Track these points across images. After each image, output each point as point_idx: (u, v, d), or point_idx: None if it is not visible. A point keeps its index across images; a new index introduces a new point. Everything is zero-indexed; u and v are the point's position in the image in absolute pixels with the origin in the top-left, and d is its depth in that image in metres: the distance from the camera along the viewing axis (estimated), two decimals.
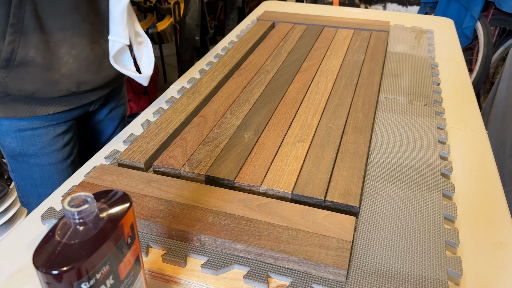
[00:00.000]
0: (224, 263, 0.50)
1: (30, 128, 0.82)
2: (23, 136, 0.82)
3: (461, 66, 1.05)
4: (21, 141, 0.82)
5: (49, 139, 0.84)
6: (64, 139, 0.87)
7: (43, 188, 0.88)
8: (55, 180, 0.88)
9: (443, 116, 0.82)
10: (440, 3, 2.46)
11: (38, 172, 0.86)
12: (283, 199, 0.58)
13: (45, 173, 0.87)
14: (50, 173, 0.87)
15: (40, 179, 0.87)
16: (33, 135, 0.83)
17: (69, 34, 0.75)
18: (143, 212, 0.54)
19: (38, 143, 0.83)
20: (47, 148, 0.85)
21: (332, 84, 0.87)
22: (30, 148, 0.83)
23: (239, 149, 0.66)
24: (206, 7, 2.38)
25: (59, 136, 0.86)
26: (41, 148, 0.84)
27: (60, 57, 0.76)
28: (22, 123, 0.81)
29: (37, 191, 0.88)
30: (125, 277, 0.37)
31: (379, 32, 1.16)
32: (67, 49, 0.76)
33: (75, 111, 0.87)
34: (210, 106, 0.79)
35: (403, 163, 0.67)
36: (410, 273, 0.49)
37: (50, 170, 0.87)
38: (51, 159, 0.86)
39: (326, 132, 0.71)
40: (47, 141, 0.84)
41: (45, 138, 0.84)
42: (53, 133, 0.85)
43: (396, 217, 0.57)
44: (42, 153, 0.85)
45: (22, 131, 0.82)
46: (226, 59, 0.98)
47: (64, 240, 0.32)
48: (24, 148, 0.83)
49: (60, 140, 0.86)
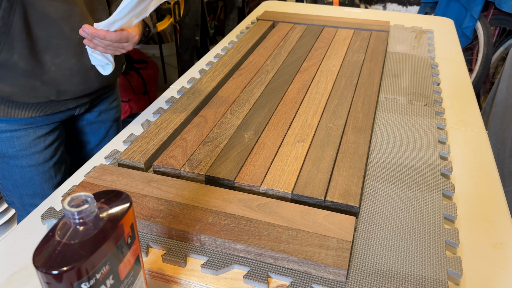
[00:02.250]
0: (224, 263, 0.50)
1: (9, 130, 0.80)
2: (2, 137, 0.81)
3: (461, 66, 1.05)
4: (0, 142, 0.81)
5: (29, 141, 0.82)
6: (46, 141, 0.85)
7: (24, 188, 0.86)
8: (36, 181, 0.86)
9: (443, 116, 0.82)
10: (440, 3, 2.46)
11: (18, 173, 0.85)
12: (283, 199, 0.58)
13: (25, 174, 0.85)
14: (30, 174, 0.85)
15: (21, 179, 0.85)
16: (12, 137, 0.81)
17: (55, 42, 0.74)
18: (143, 212, 0.54)
19: (17, 145, 0.82)
20: (26, 150, 0.83)
21: (332, 84, 0.87)
22: (9, 149, 0.82)
23: (239, 149, 0.66)
24: (206, 7, 2.38)
25: (40, 138, 0.84)
26: (20, 150, 0.82)
27: (43, 64, 0.75)
28: (0, 125, 0.79)
29: (19, 191, 0.87)
30: (125, 277, 0.37)
31: (379, 32, 1.16)
32: (51, 57, 0.75)
33: (57, 115, 0.85)
34: (210, 106, 0.79)
35: (403, 163, 0.67)
36: (410, 273, 0.49)
37: (31, 172, 0.85)
38: (31, 161, 0.84)
39: (326, 132, 0.71)
40: (26, 143, 0.82)
41: (25, 140, 0.82)
42: (33, 135, 0.83)
43: (396, 217, 0.57)
44: (21, 155, 0.83)
45: (1, 133, 0.80)
46: (226, 59, 0.98)
47: (64, 240, 0.32)
48: (3, 149, 0.82)
49: (41, 142, 0.84)
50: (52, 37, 0.74)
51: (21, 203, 0.89)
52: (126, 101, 2.02)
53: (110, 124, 1.00)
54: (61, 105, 0.84)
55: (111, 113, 0.99)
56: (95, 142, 1.00)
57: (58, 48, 0.75)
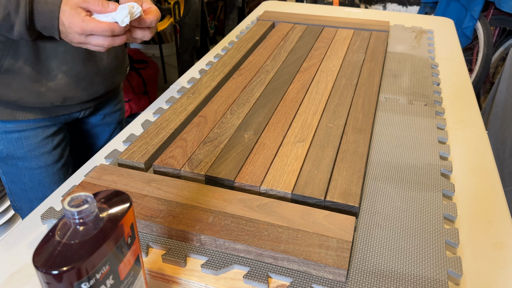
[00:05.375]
0: (224, 263, 0.50)
1: (17, 130, 0.80)
2: (10, 138, 0.80)
3: (461, 66, 1.05)
4: (8, 143, 0.80)
5: (37, 141, 0.82)
6: (54, 141, 0.85)
7: (34, 192, 0.86)
8: (46, 184, 0.86)
9: (443, 116, 0.82)
10: (440, 3, 2.46)
11: (27, 176, 0.84)
12: (283, 199, 0.58)
13: (34, 177, 0.84)
14: (40, 176, 0.84)
15: (30, 182, 0.85)
16: (20, 138, 0.80)
17: (62, 49, 0.74)
18: (143, 212, 0.54)
19: (25, 146, 0.81)
20: (35, 150, 0.82)
21: (332, 84, 0.87)
22: (17, 150, 0.81)
23: (239, 149, 0.66)
24: (206, 7, 2.38)
25: (48, 139, 0.83)
26: (29, 151, 0.82)
27: (49, 70, 0.74)
28: (8, 125, 0.79)
29: (28, 196, 0.86)
30: (125, 277, 0.37)
31: (379, 32, 1.16)
32: (58, 63, 0.74)
33: (61, 117, 0.85)
34: (210, 106, 0.79)
35: (403, 163, 0.67)
36: (410, 273, 0.49)
37: (40, 174, 0.84)
38: (40, 162, 0.83)
39: (326, 132, 0.71)
40: (35, 143, 0.82)
41: (33, 140, 0.82)
42: (42, 135, 0.82)
43: (396, 217, 0.57)
44: (30, 156, 0.82)
45: (9, 133, 0.80)
46: (226, 59, 0.98)
47: (64, 240, 0.32)
48: (12, 151, 0.81)
49: (49, 142, 0.84)
50: (59, 44, 0.73)
51: (30, 208, 0.87)
52: (126, 101, 2.02)
53: (114, 126, 1.00)
54: (65, 109, 0.83)
55: (115, 115, 0.99)
56: (99, 145, 1.00)
57: (65, 55, 0.75)
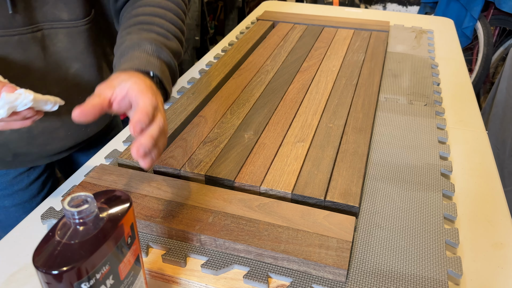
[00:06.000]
0: (224, 263, 0.50)
1: None
2: None
3: (461, 66, 1.05)
4: None
5: (9, 179, 0.73)
6: (31, 176, 0.75)
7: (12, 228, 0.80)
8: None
9: (443, 116, 0.82)
10: (440, 3, 2.46)
11: (3, 214, 0.76)
12: (283, 199, 0.58)
13: (10, 215, 0.76)
14: (16, 214, 0.76)
15: (7, 220, 0.76)
16: None
17: None
18: (143, 212, 0.54)
19: None
20: (7, 189, 0.74)
21: (332, 84, 0.87)
22: None
23: (239, 149, 0.66)
24: (206, 7, 2.38)
25: (22, 175, 0.74)
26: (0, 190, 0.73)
27: None
28: None
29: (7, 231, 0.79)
30: (125, 277, 0.37)
31: (379, 32, 1.16)
32: None
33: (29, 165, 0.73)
34: (210, 106, 0.79)
35: (403, 163, 0.67)
36: (410, 273, 0.49)
37: (16, 211, 0.76)
38: (14, 200, 0.75)
39: (326, 132, 0.71)
40: (6, 182, 0.73)
41: (3, 179, 0.73)
42: (14, 173, 0.73)
43: (396, 217, 0.57)
44: (2, 195, 0.74)
45: None
46: (226, 59, 0.98)
47: (64, 240, 0.32)
48: None
49: (24, 179, 0.74)
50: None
51: None
52: None
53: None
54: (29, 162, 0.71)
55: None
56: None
57: None
